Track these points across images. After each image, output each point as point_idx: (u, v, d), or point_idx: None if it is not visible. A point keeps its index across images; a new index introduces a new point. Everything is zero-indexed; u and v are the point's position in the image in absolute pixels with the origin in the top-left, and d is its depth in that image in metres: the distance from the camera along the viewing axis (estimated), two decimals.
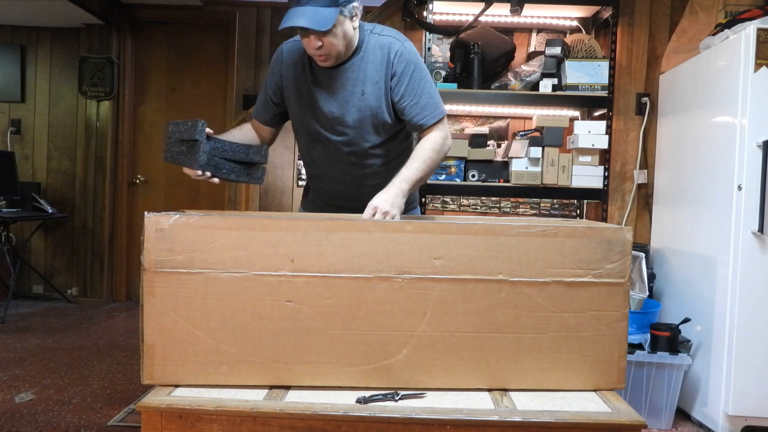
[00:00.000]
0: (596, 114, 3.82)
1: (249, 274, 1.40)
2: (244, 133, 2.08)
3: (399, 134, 2.05)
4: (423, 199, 3.72)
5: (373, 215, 1.67)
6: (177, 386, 1.43)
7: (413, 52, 1.92)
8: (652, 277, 3.37)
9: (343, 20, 1.77)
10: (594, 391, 1.48)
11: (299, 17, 1.70)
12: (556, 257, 1.41)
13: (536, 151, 3.56)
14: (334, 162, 2.03)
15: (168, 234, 1.38)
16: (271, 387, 1.44)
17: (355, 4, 1.80)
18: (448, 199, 4.04)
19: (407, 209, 2.21)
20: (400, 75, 1.89)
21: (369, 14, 4.07)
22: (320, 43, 1.77)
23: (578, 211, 4.04)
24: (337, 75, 1.91)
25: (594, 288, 1.43)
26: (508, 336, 1.43)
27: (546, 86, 3.61)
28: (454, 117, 4.03)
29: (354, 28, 1.84)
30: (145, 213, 1.38)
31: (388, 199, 1.72)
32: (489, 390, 1.47)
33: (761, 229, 2.60)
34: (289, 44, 2.01)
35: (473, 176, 3.60)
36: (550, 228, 1.41)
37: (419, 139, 1.95)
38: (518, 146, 3.58)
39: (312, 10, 1.70)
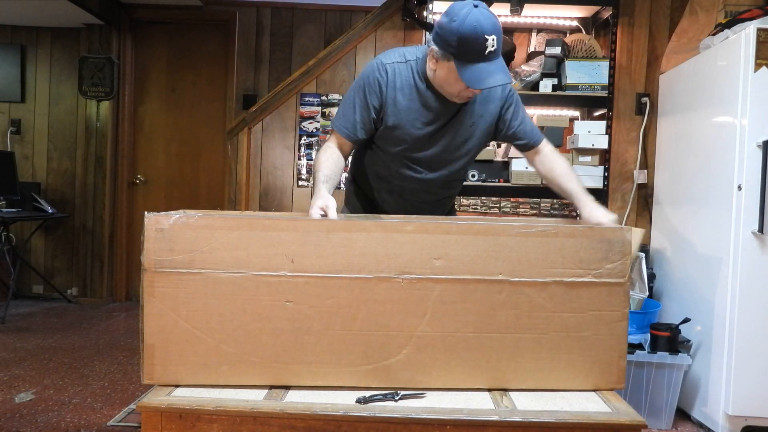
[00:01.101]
0: (596, 114, 3.82)
1: (249, 275, 1.40)
2: (337, 165, 1.96)
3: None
4: None
5: None
6: (177, 386, 1.43)
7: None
8: (652, 277, 3.38)
9: None
10: (594, 391, 1.48)
11: (498, 75, 1.71)
12: (557, 257, 1.41)
13: None
14: (424, 183, 2.05)
15: (168, 234, 1.38)
16: (271, 387, 1.44)
17: None
18: None
19: (447, 213, 2.29)
20: (511, 107, 1.99)
21: (369, 14, 4.07)
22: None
23: (578, 211, 4.04)
24: (455, 107, 1.92)
25: (594, 288, 1.43)
26: (508, 336, 1.43)
27: (546, 86, 3.61)
28: None
29: None
30: (145, 213, 1.38)
31: (609, 216, 1.77)
32: (489, 390, 1.47)
33: (761, 229, 2.60)
34: (392, 65, 1.92)
35: (473, 176, 3.60)
36: (550, 228, 1.41)
37: (534, 154, 2.06)
38: None
39: (501, 64, 1.72)
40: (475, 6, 1.67)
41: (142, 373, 1.42)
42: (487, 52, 1.67)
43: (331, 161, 1.92)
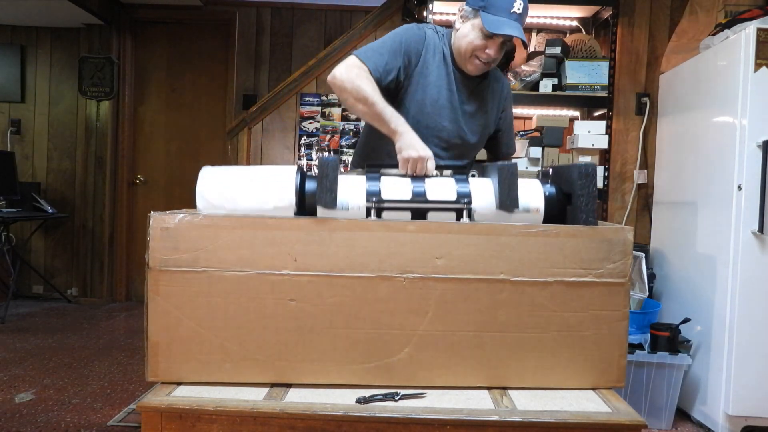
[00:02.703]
0: (596, 114, 3.83)
1: (252, 273, 1.40)
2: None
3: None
4: None
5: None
6: (178, 385, 1.43)
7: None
8: (652, 277, 3.38)
9: None
10: (594, 389, 1.48)
11: (515, 29, 1.80)
12: (558, 257, 1.41)
13: (536, 151, 3.56)
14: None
15: (173, 233, 1.38)
16: (274, 385, 1.45)
17: None
18: None
19: None
20: (507, 108, 2.11)
21: (369, 14, 4.08)
22: (497, 57, 1.89)
23: None
24: (473, 87, 1.99)
25: (595, 288, 1.43)
26: (509, 335, 1.43)
27: (546, 86, 3.61)
28: None
29: None
30: (151, 212, 1.38)
31: None
32: (490, 389, 1.47)
33: (761, 229, 2.61)
34: (429, 30, 1.97)
35: (473, 176, 3.60)
36: (552, 228, 1.42)
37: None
38: (518, 146, 3.59)
39: (520, 27, 1.82)
40: None
41: (147, 370, 1.42)
42: (512, 10, 1.79)
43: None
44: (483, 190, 1.54)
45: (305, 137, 4.16)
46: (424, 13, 3.73)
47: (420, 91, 1.91)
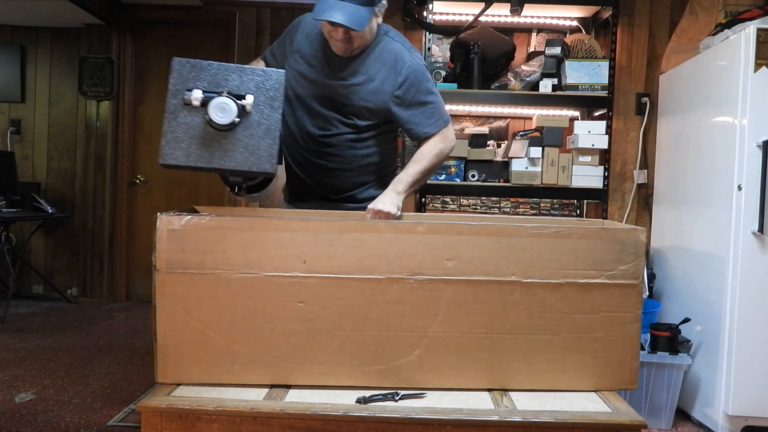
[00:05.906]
0: (596, 114, 3.84)
1: (260, 275, 1.40)
2: None
3: (373, 138, 2.09)
4: (423, 199, 3.73)
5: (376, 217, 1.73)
6: (178, 385, 1.43)
7: (420, 64, 2.02)
8: (652, 277, 3.39)
9: (372, 17, 1.87)
10: (597, 391, 1.49)
11: (336, 12, 1.76)
12: (569, 258, 1.41)
13: (536, 151, 3.57)
14: (311, 140, 2.07)
15: (180, 234, 1.38)
16: (274, 385, 1.45)
17: (384, 2, 1.92)
18: (448, 199, 4.05)
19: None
20: (407, 87, 1.97)
21: None
22: (348, 36, 1.85)
23: (578, 211, 4.06)
24: (348, 62, 1.96)
25: (607, 289, 1.43)
26: (520, 337, 1.44)
27: (546, 86, 3.62)
28: (454, 117, 4.04)
29: (377, 24, 1.95)
30: (158, 213, 1.38)
31: (386, 201, 1.81)
32: (492, 390, 1.47)
33: (761, 229, 2.62)
34: (308, 17, 2.03)
35: (473, 176, 3.61)
36: (563, 229, 1.42)
37: (419, 145, 2.04)
38: (518, 146, 3.59)
39: (351, 8, 1.77)
40: None
41: (156, 372, 1.42)
42: None
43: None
44: None
45: None
46: (424, 13, 3.73)
47: (292, 68, 2.02)
